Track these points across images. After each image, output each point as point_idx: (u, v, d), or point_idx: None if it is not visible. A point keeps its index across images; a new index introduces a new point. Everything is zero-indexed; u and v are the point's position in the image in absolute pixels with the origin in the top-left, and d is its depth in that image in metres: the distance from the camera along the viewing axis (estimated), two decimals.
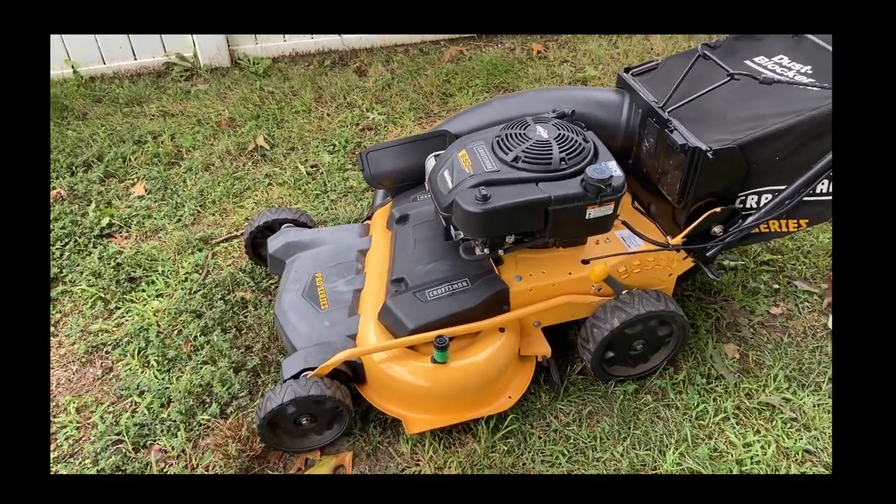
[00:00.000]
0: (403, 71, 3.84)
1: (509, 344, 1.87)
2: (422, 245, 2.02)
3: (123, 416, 1.96)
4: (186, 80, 3.81)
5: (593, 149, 1.83)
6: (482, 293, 1.85)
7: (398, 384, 1.82)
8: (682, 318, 1.94)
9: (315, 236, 2.26)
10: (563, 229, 1.78)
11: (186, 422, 1.93)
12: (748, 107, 1.90)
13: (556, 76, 3.84)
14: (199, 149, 3.16)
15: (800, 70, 1.95)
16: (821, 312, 2.30)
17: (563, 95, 2.16)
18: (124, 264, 2.47)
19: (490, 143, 1.84)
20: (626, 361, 2.02)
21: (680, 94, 1.92)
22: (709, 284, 2.39)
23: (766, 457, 1.83)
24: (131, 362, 2.12)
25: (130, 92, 3.62)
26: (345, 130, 3.30)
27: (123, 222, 2.71)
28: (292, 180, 2.94)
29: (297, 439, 1.87)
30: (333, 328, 1.92)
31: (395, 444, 1.89)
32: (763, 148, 1.79)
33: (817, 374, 2.07)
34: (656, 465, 1.82)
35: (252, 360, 2.09)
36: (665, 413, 1.95)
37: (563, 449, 1.86)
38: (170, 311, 2.28)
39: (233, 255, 2.54)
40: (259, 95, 3.59)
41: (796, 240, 2.58)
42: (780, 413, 1.95)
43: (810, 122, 1.77)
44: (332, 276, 2.09)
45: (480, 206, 1.66)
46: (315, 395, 1.73)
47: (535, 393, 2.00)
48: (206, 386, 2.02)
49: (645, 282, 1.99)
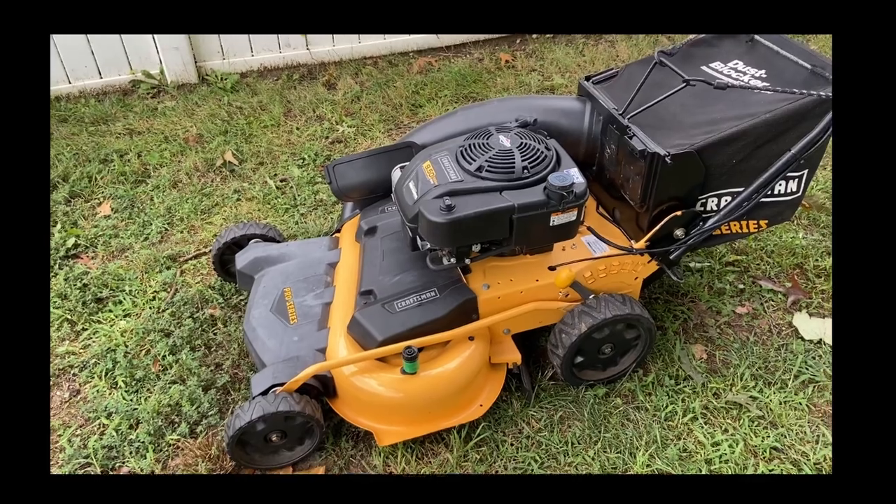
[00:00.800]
0: (372, 83, 3.86)
1: (479, 352, 1.88)
2: (390, 256, 2.03)
3: (91, 438, 1.93)
4: (153, 97, 3.79)
5: (555, 156, 1.85)
6: (451, 303, 1.85)
7: (369, 397, 1.82)
8: (648, 321, 1.96)
9: (283, 251, 2.25)
10: (528, 237, 1.79)
11: (155, 442, 1.91)
12: (705, 112, 1.94)
13: (524, 85, 3.88)
14: (166, 166, 3.14)
15: (754, 74, 2.00)
16: (785, 311, 2.34)
17: (527, 104, 2.19)
18: (91, 285, 2.44)
19: (454, 154, 1.85)
20: (595, 365, 2.04)
21: (639, 100, 1.96)
22: (676, 286, 2.42)
23: (735, 455, 1.85)
24: (99, 384, 2.09)
25: (96, 111, 3.58)
26: (314, 144, 3.30)
27: (89, 242, 2.67)
28: (261, 195, 2.93)
29: (267, 456, 1.85)
30: (303, 342, 1.91)
31: (367, 458, 1.88)
32: (719, 151, 1.83)
33: (783, 372, 2.11)
34: (627, 468, 1.83)
35: (222, 378, 2.07)
36: (635, 415, 1.97)
37: (535, 455, 1.87)
38: (137, 330, 2.25)
39: (201, 272, 2.52)
40: (227, 111, 3.58)
41: (760, 240, 2.63)
42: (747, 411, 1.98)
43: (764, 125, 1.82)
44: (301, 290, 2.09)
45: (445, 216, 1.67)
46: (284, 410, 1.72)
47: (506, 400, 2.01)
48: (175, 405, 1.99)
49: (611, 286, 2.01)
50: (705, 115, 1.92)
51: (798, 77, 1.93)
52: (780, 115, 1.81)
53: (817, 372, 2.10)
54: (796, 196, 2.01)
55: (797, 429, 1.93)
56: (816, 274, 2.48)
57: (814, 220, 2.73)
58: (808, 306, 2.35)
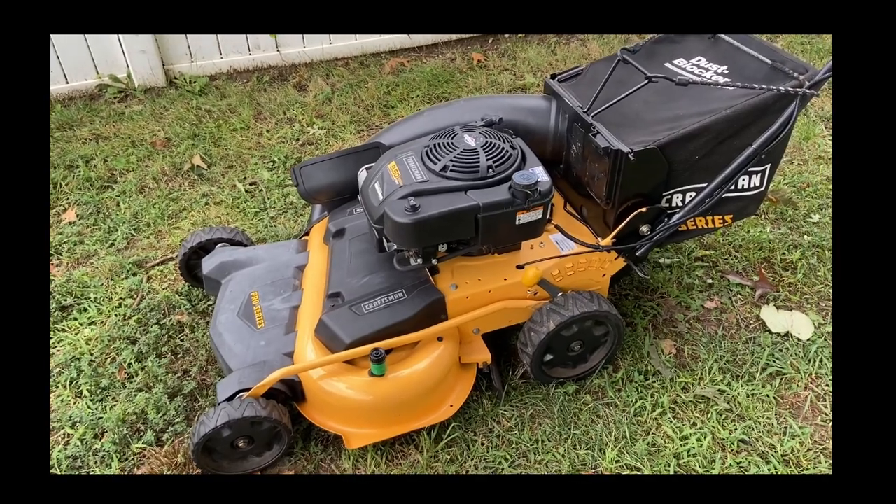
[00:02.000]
0: (344, 84, 3.84)
1: (448, 353, 1.87)
2: (358, 258, 2.02)
3: (55, 448, 1.89)
4: (120, 101, 3.73)
5: (520, 155, 1.85)
6: (418, 303, 1.84)
7: (337, 400, 1.80)
8: (615, 318, 1.97)
9: (251, 254, 2.22)
10: (494, 236, 1.79)
11: (121, 451, 1.87)
12: (667, 108, 1.96)
13: (496, 84, 3.89)
14: (132, 171, 3.09)
15: (717, 70, 2.02)
16: (753, 304, 2.37)
17: (493, 103, 2.19)
18: (55, 293, 2.39)
19: (419, 154, 1.84)
20: (565, 363, 2.05)
21: (603, 98, 1.97)
22: (646, 283, 2.44)
23: (703, 449, 1.87)
24: (63, 393, 2.05)
25: (62, 116, 3.52)
26: (284, 146, 3.27)
27: (54, 250, 2.62)
28: (230, 199, 2.90)
29: (235, 462, 1.83)
30: (269, 347, 1.89)
31: (337, 461, 1.87)
32: (682, 147, 1.85)
33: (750, 365, 2.13)
34: (597, 464, 1.84)
35: (189, 385, 2.04)
36: (605, 412, 1.98)
37: (505, 454, 1.87)
38: (102, 338, 2.21)
39: (168, 278, 2.49)
40: (196, 114, 3.54)
41: (728, 235, 2.66)
42: (715, 405, 1.99)
43: (726, 121, 1.84)
44: (268, 294, 2.06)
45: (410, 216, 1.66)
46: (250, 416, 1.70)
47: (477, 399, 2.01)
48: (141, 413, 1.96)
49: (579, 283, 2.02)
50: (668, 112, 1.94)
51: (759, 73, 1.95)
52: (741, 110, 1.83)
53: (784, 364, 2.12)
54: (760, 190, 2.04)
55: (764, 421, 1.95)
56: (783, 267, 2.51)
57: (780, 214, 2.77)
58: (775, 299, 2.38)
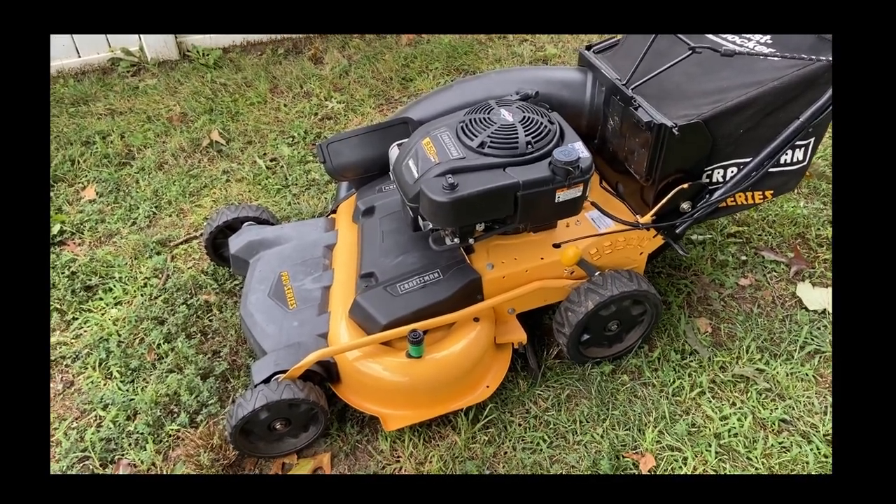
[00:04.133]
0: (361, 57, 3.75)
1: (485, 333, 1.84)
2: (390, 237, 1.97)
3: (88, 431, 1.87)
4: (133, 75, 3.66)
5: (559, 130, 1.79)
6: (454, 284, 1.81)
7: (374, 381, 1.78)
8: (654, 297, 1.93)
9: (278, 233, 2.18)
10: (533, 214, 1.74)
11: (155, 433, 1.86)
12: (711, 80, 1.88)
13: (516, 56, 3.79)
14: (150, 147, 3.04)
15: (759, 41, 1.94)
16: (788, 281, 2.32)
17: (526, 76, 2.12)
18: (79, 273, 2.36)
19: (454, 130, 1.79)
20: (601, 343, 2.02)
21: (642, 70, 1.90)
22: (678, 260, 2.39)
23: (744, 429, 1.84)
24: (93, 375, 2.03)
25: (76, 91, 3.45)
26: (303, 121, 3.20)
27: (75, 228, 2.58)
28: (251, 175, 2.85)
29: (272, 444, 1.82)
30: (303, 328, 1.86)
31: (373, 442, 1.85)
32: (727, 121, 1.78)
33: (788, 343, 2.09)
34: (636, 445, 1.82)
35: (220, 366, 2.02)
36: (642, 392, 1.95)
37: (543, 435, 1.85)
38: (130, 319, 2.18)
39: (193, 256, 2.45)
40: (211, 88, 3.46)
41: (761, 210, 2.60)
42: (755, 384, 1.96)
43: (773, 93, 1.77)
44: (298, 273, 2.03)
45: (448, 195, 1.62)
46: (288, 398, 1.68)
47: (512, 380, 1.98)
48: (174, 395, 1.94)
49: (616, 262, 1.98)
50: (711, 84, 1.87)
51: (804, 43, 1.88)
52: (789, 82, 1.76)
53: (822, 342, 2.08)
54: (802, 165, 1.98)
55: (805, 400, 1.92)
56: (818, 243, 2.46)
57: (814, 189, 2.70)
58: (810, 276, 2.33)
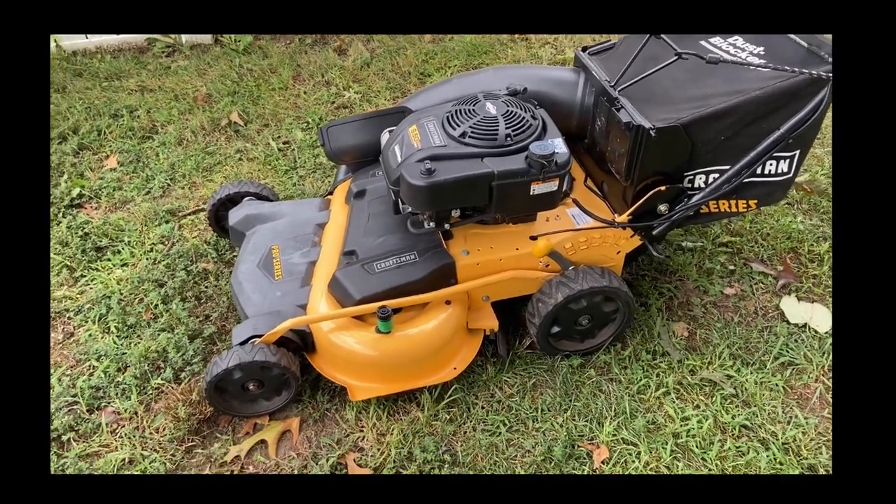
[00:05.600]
0: (383, 50, 3.85)
1: (455, 316, 1.91)
2: (375, 219, 2.06)
3: (80, 378, 2.01)
4: (167, 56, 3.83)
5: (541, 125, 1.85)
6: (428, 266, 1.88)
7: (344, 353, 1.87)
8: (626, 295, 1.97)
9: (275, 209, 2.29)
10: (507, 204, 1.80)
11: (140, 385, 1.99)
12: (697, 87, 1.92)
13: (535, 58, 3.84)
14: (173, 123, 3.19)
15: (752, 51, 1.97)
16: (774, 293, 2.33)
17: (522, 73, 2.17)
18: (91, 234, 2.51)
19: (440, 119, 1.86)
20: (572, 336, 2.06)
21: (632, 73, 1.94)
22: (665, 265, 2.42)
23: (703, 430, 1.87)
24: (92, 328, 2.17)
25: (111, 67, 3.64)
26: (319, 108, 3.32)
27: (94, 193, 2.75)
28: (263, 156, 2.98)
29: (246, 404, 1.92)
30: (285, 298, 1.96)
31: (341, 412, 1.94)
32: (707, 127, 1.81)
33: (763, 353, 2.10)
34: (594, 436, 1.86)
35: (209, 329, 2.13)
36: (607, 387, 1.99)
37: (504, 419, 1.90)
38: (132, 279, 2.32)
39: (199, 227, 2.58)
40: (238, 72, 3.61)
41: (756, 222, 2.60)
42: (721, 389, 1.98)
43: (755, 102, 1.79)
44: (288, 248, 2.13)
45: (425, 179, 1.69)
46: (260, 360, 1.78)
47: (481, 365, 2.05)
48: (162, 352, 2.07)
49: (592, 258, 2.02)
50: (696, 90, 1.90)
51: (796, 56, 1.90)
52: (771, 92, 1.78)
53: (797, 355, 2.09)
54: (787, 177, 1.99)
55: (770, 409, 1.94)
56: (810, 259, 2.45)
57: (814, 206, 2.69)
58: (797, 290, 2.33)
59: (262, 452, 1.85)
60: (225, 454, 1.84)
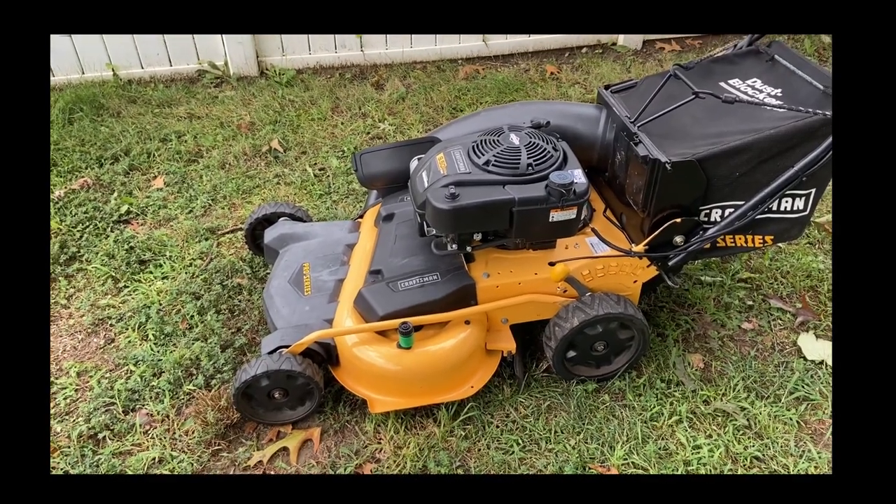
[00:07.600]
0: (418, 86, 4.02)
1: (474, 336, 1.99)
2: (401, 241, 2.16)
3: (118, 381, 2.13)
4: (216, 86, 4.06)
5: (562, 157, 1.94)
6: (449, 287, 1.97)
7: (367, 366, 1.95)
8: (641, 323, 2.02)
9: (308, 229, 2.42)
10: (527, 230, 1.89)
11: (173, 390, 2.10)
12: (714, 125, 2.00)
13: (565, 96, 3.97)
14: (217, 148, 3.38)
15: (770, 93, 2.05)
16: (792, 330, 2.35)
17: (546, 108, 2.28)
18: (136, 248, 2.67)
19: (467, 148, 1.97)
20: (587, 362, 2.11)
21: (651, 110, 2.03)
22: (683, 297, 2.46)
23: (713, 459, 1.89)
24: (131, 335, 2.30)
25: (163, 95, 3.88)
26: (355, 138, 3.48)
27: (140, 210, 2.92)
28: (299, 181, 3.13)
29: (270, 412, 2.01)
30: (313, 312, 2.06)
31: (361, 424, 2.01)
32: (722, 163, 1.89)
33: (777, 387, 2.12)
34: (605, 459, 1.90)
35: (240, 340, 2.25)
36: (621, 413, 2.03)
37: (517, 438, 1.96)
38: (171, 291, 2.46)
39: (235, 245, 2.72)
40: (280, 103, 3.81)
41: (776, 259, 2.64)
42: (734, 420, 2.01)
43: (769, 140, 1.86)
44: (318, 266, 2.25)
45: (449, 203, 1.80)
46: (286, 369, 1.87)
47: (498, 385, 2.11)
48: (195, 360, 2.18)
49: (610, 286, 2.09)
50: (713, 128, 1.98)
51: (812, 97, 1.97)
52: (786, 131, 1.85)
53: (813, 390, 2.10)
54: (804, 214, 2.04)
55: (782, 442, 1.95)
56: (829, 297, 2.47)
57: None
58: (815, 328, 2.35)
59: (283, 459, 1.94)
60: (248, 458, 1.92)
